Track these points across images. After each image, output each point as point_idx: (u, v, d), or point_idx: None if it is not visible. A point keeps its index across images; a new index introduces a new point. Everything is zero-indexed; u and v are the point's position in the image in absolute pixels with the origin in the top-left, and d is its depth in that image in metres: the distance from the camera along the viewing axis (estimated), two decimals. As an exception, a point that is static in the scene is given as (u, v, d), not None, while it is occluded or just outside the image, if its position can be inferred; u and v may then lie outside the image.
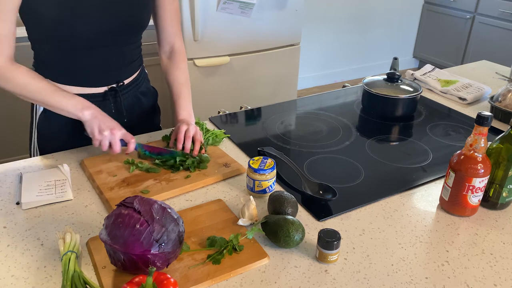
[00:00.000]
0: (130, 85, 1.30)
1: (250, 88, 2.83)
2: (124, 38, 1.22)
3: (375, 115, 1.53)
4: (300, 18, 2.82)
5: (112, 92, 1.25)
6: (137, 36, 1.27)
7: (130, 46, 1.25)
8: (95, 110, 1.11)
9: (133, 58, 1.28)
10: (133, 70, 1.30)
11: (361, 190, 1.10)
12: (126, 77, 1.28)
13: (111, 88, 1.25)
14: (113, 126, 1.10)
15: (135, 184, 1.08)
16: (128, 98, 1.30)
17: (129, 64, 1.27)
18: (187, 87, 1.30)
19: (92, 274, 0.83)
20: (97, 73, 1.22)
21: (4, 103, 2.32)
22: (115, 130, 1.09)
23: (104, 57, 1.20)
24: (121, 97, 1.27)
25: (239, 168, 1.15)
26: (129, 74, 1.29)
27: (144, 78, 1.39)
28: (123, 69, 1.26)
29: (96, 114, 1.10)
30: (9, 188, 1.08)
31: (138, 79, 1.33)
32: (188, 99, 1.28)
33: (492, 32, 3.93)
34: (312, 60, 4.13)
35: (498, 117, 1.49)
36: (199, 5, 2.41)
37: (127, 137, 1.12)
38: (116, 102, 1.27)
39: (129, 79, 1.29)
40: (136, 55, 1.30)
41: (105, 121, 1.10)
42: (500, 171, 1.00)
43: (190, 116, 1.24)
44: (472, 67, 2.04)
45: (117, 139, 1.10)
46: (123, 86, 1.27)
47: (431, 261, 0.88)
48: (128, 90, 1.30)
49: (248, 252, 0.87)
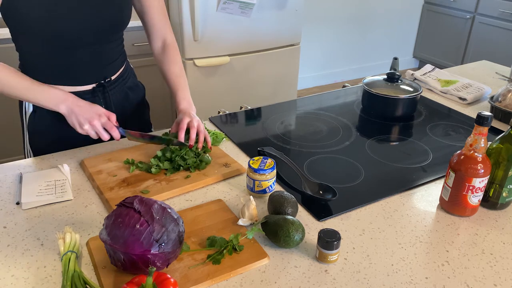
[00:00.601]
0: (117, 80, 1.31)
1: (250, 88, 2.84)
2: (107, 36, 1.22)
3: (375, 115, 1.53)
4: (300, 18, 2.82)
5: (100, 89, 1.26)
6: (119, 33, 1.28)
7: (113, 43, 1.26)
8: (71, 102, 1.09)
9: (117, 55, 1.29)
10: (118, 66, 1.31)
11: (361, 190, 1.10)
12: (111, 74, 1.29)
13: (99, 84, 1.26)
14: (90, 117, 1.08)
15: (135, 184, 1.08)
16: (116, 93, 1.31)
17: (113, 61, 1.28)
18: (184, 78, 1.31)
19: (92, 274, 0.83)
20: (83, 71, 1.22)
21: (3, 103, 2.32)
22: (94, 121, 1.08)
23: (88, 55, 1.20)
24: (109, 93, 1.28)
25: (239, 168, 1.15)
26: (114, 71, 1.30)
27: (130, 73, 1.39)
28: (108, 66, 1.27)
29: (71, 107, 1.09)
30: (9, 188, 1.08)
31: (124, 75, 1.34)
32: (186, 89, 1.28)
33: (492, 32, 3.93)
34: (312, 60, 4.13)
35: (498, 117, 1.49)
36: (199, 5, 2.41)
37: (108, 125, 1.10)
38: (105, 98, 1.28)
39: (115, 75, 1.30)
40: (119, 52, 1.30)
41: (82, 113, 1.08)
42: (500, 171, 1.00)
43: (190, 105, 1.24)
44: (472, 67, 2.04)
45: (100, 129, 1.09)
46: (111, 82, 1.28)
47: (431, 261, 0.88)
48: (116, 85, 1.31)
49: (248, 252, 0.87)
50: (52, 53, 1.16)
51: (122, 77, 1.33)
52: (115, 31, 1.25)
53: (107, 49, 1.24)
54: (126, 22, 1.24)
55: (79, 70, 1.21)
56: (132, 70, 1.43)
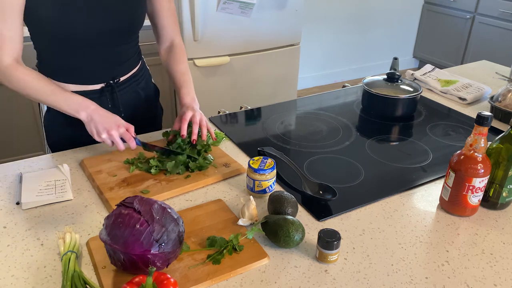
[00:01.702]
0: (128, 81, 1.31)
1: (250, 88, 2.83)
2: (121, 38, 1.23)
3: (375, 115, 1.53)
4: (300, 18, 2.82)
5: (108, 88, 1.27)
6: (133, 36, 1.28)
7: (127, 44, 1.27)
8: (92, 110, 1.11)
9: (130, 56, 1.30)
10: (130, 67, 1.31)
11: (361, 190, 1.10)
12: (123, 74, 1.30)
13: (107, 84, 1.26)
14: (109, 126, 1.09)
15: (135, 184, 1.08)
16: (126, 93, 1.32)
17: (125, 62, 1.29)
18: (189, 76, 1.31)
19: (92, 274, 0.83)
20: (94, 71, 1.24)
21: (5, 103, 2.32)
22: (112, 131, 1.09)
23: (100, 56, 1.21)
24: (118, 93, 1.29)
25: (239, 168, 1.15)
26: (126, 71, 1.30)
27: (144, 74, 1.40)
28: (119, 67, 1.28)
29: (92, 115, 1.10)
30: (9, 188, 1.08)
31: (137, 75, 1.35)
32: (191, 86, 1.28)
33: (492, 32, 3.93)
34: (312, 60, 4.13)
35: (498, 117, 1.49)
36: (199, 5, 2.41)
37: (126, 136, 1.11)
38: (113, 98, 1.29)
39: (126, 75, 1.30)
40: (132, 53, 1.31)
41: (102, 122, 1.09)
42: (500, 171, 1.00)
43: (193, 100, 1.25)
44: (472, 67, 2.04)
45: (117, 139, 1.10)
46: (120, 83, 1.29)
47: (431, 261, 0.88)
48: (126, 86, 1.31)
49: (248, 252, 0.87)
50: (67, 53, 1.18)
51: (135, 78, 1.34)
52: (130, 32, 1.26)
53: (121, 50, 1.26)
54: (140, 23, 1.25)
55: (91, 70, 1.23)
56: (148, 71, 1.44)
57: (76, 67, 1.21)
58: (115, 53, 1.24)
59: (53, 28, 1.11)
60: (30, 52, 1.24)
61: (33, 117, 2.42)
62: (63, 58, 1.19)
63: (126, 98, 1.32)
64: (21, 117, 2.40)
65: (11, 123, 2.41)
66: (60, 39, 1.14)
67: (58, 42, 1.15)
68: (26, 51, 1.15)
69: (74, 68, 1.21)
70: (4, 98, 2.28)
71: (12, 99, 2.31)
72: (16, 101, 2.33)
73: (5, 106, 2.33)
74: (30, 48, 1.22)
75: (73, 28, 1.12)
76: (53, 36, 1.13)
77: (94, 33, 1.15)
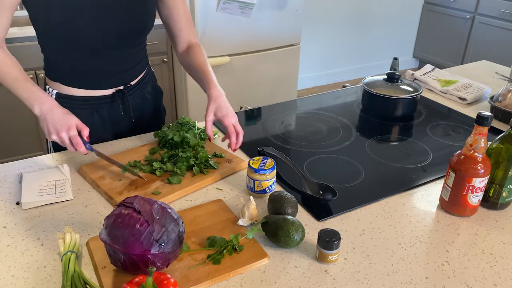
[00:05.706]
0: (137, 85, 1.32)
1: (250, 88, 2.83)
2: (130, 41, 1.23)
3: (375, 115, 1.53)
4: (300, 18, 2.82)
5: (119, 94, 1.27)
6: (142, 38, 1.28)
7: (136, 48, 1.27)
8: (46, 107, 1.06)
9: (139, 59, 1.30)
10: (140, 70, 1.32)
11: (361, 190, 1.10)
12: (133, 79, 1.30)
13: (118, 90, 1.27)
14: (60, 128, 1.04)
15: (143, 186, 1.07)
16: (135, 98, 1.32)
17: (135, 65, 1.29)
18: (210, 67, 1.26)
19: (92, 274, 0.83)
20: (104, 76, 1.24)
21: (5, 103, 2.32)
22: (62, 133, 1.04)
23: (110, 60, 1.21)
24: (129, 98, 1.29)
25: (240, 163, 1.16)
26: (136, 75, 1.30)
27: (150, 77, 1.40)
28: (129, 71, 1.28)
29: (45, 113, 1.05)
30: (9, 188, 1.08)
31: (144, 79, 1.35)
32: (213, 75, 1.24)
33: (492, 32, 3.93)
34: (312, 60, 4.13)
35: (498, 117, 1.49)
36: (199, 5, 2.41)
37: (75, 140, 1.05)
38: (124, 103, 1.29)
39: (135, 80, 1.31)
40: (141, 56, 1.31)
41: (53, 122, 1.04)
42: (500, 171, 1.00)
43: (221, 92, 1.20)
44: (472, 67, 2.04)
45: (66, 142, 1.05)
46: (130, 87, 1.29)
47: (431, 261, 0.88)
48: (135, 90, 1.31)
49: (248, 252, 0.87)
50: (75, 58, 1.18)
51: (143, 82, 1.34)
52: (139, 36, 1.25)
53: (130, 54, 1.25)
54: (150, 27, 1.24)
55: (101, 75, 1.23)
56: (153, 74, 1.44)
57: (86, 72, 1.21)
58: (126, 57, 1.24)
59: (64, 32, 1.10)
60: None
61: (33, 117, 2.42)
62: (73, 62, 1.18)
63: (135, 102, 1.32)
64: (21, 117, 2.40)
65: (11, 123, 2.41)
66: (71, 43, 1.14)
67: (69, 46, 1.15)
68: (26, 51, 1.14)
69: (85, 73, 1.21)
70: (4, 98, 2.28)
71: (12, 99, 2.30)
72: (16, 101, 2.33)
73: (5, 106, 2.33)
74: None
75: (83, 33, 1.11)
76: (64, 40, 1.13)
77: (106, 37, 1.15)
